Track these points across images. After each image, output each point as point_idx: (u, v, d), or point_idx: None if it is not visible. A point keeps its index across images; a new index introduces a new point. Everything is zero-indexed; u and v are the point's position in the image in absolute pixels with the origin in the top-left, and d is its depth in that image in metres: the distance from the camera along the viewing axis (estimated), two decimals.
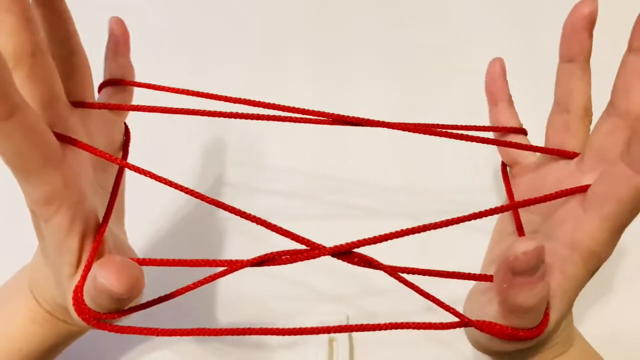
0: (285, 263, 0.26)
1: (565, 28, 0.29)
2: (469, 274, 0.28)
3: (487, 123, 0.48)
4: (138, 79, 0.48)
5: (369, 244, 0.26)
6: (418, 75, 0.53)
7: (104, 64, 0.32)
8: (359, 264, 0.26)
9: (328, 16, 0.56)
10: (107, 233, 0.28)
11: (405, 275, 0.27)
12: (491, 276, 0.27)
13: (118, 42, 0.32)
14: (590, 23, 0.28)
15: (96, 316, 0.26)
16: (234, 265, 0.26)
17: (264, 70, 0.53)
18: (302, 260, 0.26)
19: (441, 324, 0.27)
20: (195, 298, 0.40)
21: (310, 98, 0.51)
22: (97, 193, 0.29)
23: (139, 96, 0.34)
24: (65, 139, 0.25)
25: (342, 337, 0.39)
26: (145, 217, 0.44)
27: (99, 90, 0.32)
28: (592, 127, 0.29)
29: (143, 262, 0.27)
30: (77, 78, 0.28)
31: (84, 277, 0.25)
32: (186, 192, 0.26)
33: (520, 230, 0.31)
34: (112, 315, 0.26)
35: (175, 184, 0.26)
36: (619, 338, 0.39)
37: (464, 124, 0.49)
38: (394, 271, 0.26)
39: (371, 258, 0.26)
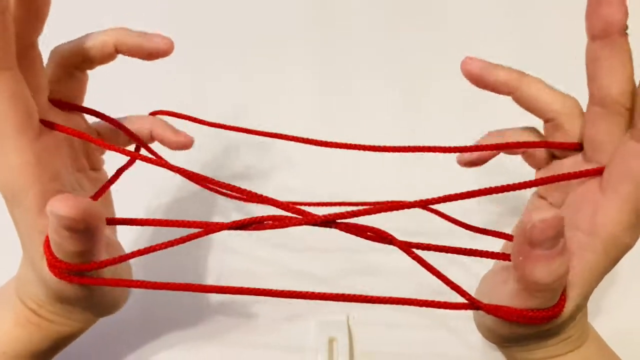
0: (269, 228, 0.24)
1: None
2: (486, 251, 0.26)
3: (485, 124, 0.47)
4: (140, 84, 0.48)
5: (363, 214, 0.24)
6: (418, 75, 0.52)
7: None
8: (368, 238, 0.25)
9: (328, 16, 0.55)
10: None
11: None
12: (509, 255, 0.25)
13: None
14: None
15: (67, 267, 0.24)
16: (211, 227, 0.23)
17: (263, 71, 0.52)
18: (286, 226, 0.24)
19: (447, 303, 0.25)
20: (187, 294, 0.38)
21: (310, 99, 0.50)
22: (75, 189, 0.29)
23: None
24: (46, 124, 0.26)
25: (342, 336, 0.37)
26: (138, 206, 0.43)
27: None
28: None
29: (119, 220, 0.26)
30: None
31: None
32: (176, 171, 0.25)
33: None
34: (82, 266, 0.24)
35: (172, 165, 0.26)
36: (631, 337, 0.37)
37: (462, 124, 0.48)
38: (405, 246, 0.25)
39: (385, 232, 0.25)
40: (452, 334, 0.38)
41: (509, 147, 0.29)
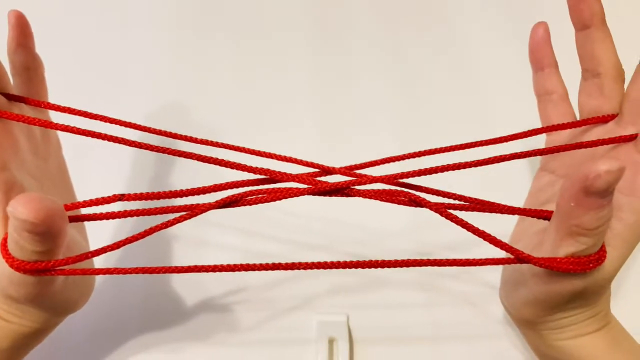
0: (256, 203, 0.23)
1: None
2: (524, 208, 0.26)
3: (486, 122, 0.47)
4: (141, 85, 0.48)
5: (368, 183, 0.24)
6: (418, 75, 0.51)
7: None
8: (399, 202, 0.24)
9: (329, 18, 0.55)
10: None
11: None
12: (550, 212, 0.26)
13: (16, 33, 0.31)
14: None
15: (22, 266, 0.24)
16: (196, 209, 0.22)
17: (264, 74, 0.51)
18: (274, 199, 0.23)
19: (490, 259, 0.25)
20: (185, 292, 0.38)
21: (310, 100, 0.49)
22: (38, 178, 0.29)
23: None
24: None
25: (342, 336, 0.36)
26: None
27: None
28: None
29: (95, 217, 0.25)
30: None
31: (4, 226, 0.25)
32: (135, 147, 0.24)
33: None
34: (40, 265, 0.24)
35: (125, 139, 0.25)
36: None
37: (462, 124, 0.48)
38: (441, 207, 0.24)
39: (416, 195, 0.24)
40: (451, 333, 0.37)
41: (552, 130, 0.30)
